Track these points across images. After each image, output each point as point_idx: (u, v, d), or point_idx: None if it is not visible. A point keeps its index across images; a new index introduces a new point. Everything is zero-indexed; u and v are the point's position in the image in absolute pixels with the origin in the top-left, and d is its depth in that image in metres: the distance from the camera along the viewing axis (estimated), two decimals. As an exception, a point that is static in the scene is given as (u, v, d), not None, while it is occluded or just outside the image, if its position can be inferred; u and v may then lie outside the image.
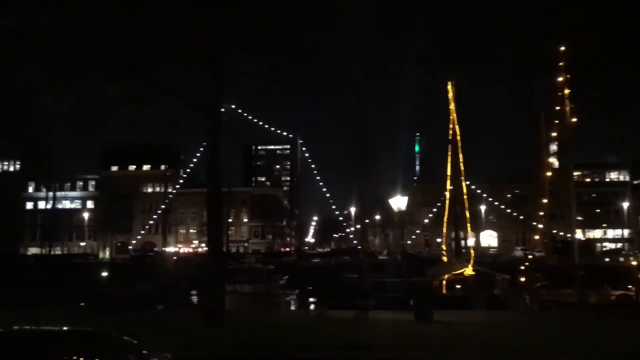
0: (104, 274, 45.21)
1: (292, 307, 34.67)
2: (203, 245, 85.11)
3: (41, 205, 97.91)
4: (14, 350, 3.83)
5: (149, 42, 16.90)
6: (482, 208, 79.05)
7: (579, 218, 54.95)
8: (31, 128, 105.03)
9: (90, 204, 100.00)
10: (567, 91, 41.45)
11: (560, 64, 41.26)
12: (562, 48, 41.15)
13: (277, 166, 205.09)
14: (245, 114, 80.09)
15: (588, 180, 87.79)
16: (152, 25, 16.56)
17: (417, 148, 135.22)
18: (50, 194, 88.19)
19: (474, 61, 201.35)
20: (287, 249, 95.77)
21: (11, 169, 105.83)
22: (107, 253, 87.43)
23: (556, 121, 43.56)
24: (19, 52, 15.89)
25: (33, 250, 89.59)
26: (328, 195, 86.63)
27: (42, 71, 15.71)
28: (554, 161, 64.55)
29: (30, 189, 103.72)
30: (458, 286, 31.56)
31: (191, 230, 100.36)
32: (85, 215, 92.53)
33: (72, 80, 16.39)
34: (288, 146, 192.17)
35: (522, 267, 45.26)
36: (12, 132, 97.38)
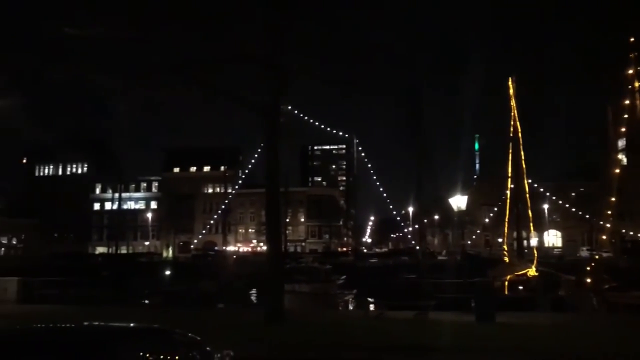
0: (167, 272, 46.49)
1: (350, 307, 34.63)
2: (262, 244, 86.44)
3: (107, 206, 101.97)
4: (85, 345, 3.97)
5: (208, 45, 17.25)
6: (545, 207, 76.60)
7: (650, 217, 52.43)
8: (98, 131, 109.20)
9: (153, 205, 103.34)
10: (637, 84, 39.69)
11: (631, 55, 39.56)
12: (632, 39, 39.44)
13: (333, 166, 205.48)
14: (301, 115, 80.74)
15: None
16: (211, 28, 16.89)
17: (476, 146, 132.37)
18: (116, 195, 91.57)
19: (537, 55, 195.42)
20: (344, 249, 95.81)
21: (79, 171, 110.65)
22: (170, 252, 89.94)
23: (625, 116, 41.63)
24: (86, 59, 16.53)
25: (100, 250, 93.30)
26: (385, 194, 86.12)
27: (108, 76, 16.28)
28: (622, 157, 61.76)
29: (97, 191, 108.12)
30: (520, 287, 30.71)
31: (250, 230, 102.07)
32: (149, 215, 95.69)
33: (136, 85, 16.90)
34: (344, 146, 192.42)
35: (589, 268, 43.53)
36: (80, 135, 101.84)
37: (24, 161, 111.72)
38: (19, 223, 73.42)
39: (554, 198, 77.60)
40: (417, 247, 70.24)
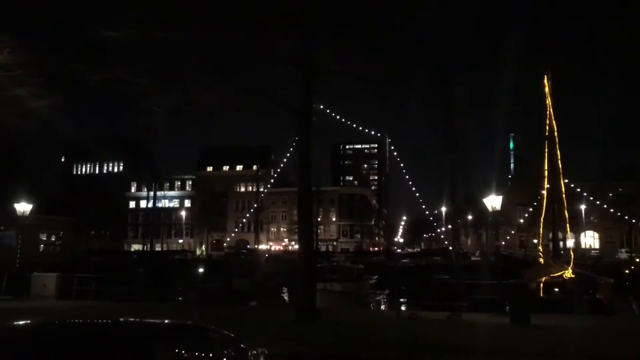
0: (201, 270, 46.95)
1: (382, 307, 34.48)
2: (293, 243, 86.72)
3: (143, 204, 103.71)
4: (123, 341, 4.02)
5: (241, 45, 17.37)
6: (583, 207, 74.83)
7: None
8: (133, 131, 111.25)
9: (187, 203, 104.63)
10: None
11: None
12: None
13: (365, 165, 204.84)
14: (333, 114, 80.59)
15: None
16: (245, 28, 17.00)
17: (511, 145, 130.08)
18: (151, 193, 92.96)
19: (574, 52, 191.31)
20: (376, 249, 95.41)
21: (115, 170, 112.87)
22: (203, 250, 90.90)
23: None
24: (123, 60, 16.82)
25: (135, 247, 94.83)
26: (417, 194, 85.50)
27: (143, 77, 16.51)
28: (663, 157, 60.00)
29: (133, 189, 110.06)
30: (556, 289, 30.12)
31: (282, 229, 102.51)
32: (183, 213, 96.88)
33: (171, 85, 17.10)
34: (376, 145, 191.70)
35: (627, 271, 42.47)
36: (116, 135, 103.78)
37: (62, 160, 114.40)
38: (57, 220, 75.30)
39: (591, 198, 75.76)
40: (450, 248, 69.43)
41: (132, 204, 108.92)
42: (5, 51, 14.16)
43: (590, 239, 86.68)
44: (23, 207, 26.49)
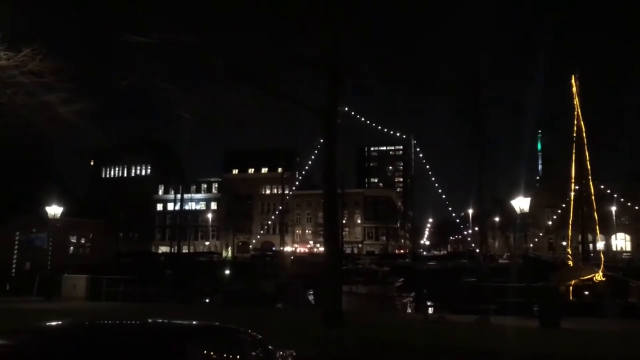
0: (227, 272, 47.30)
1: (409, 310, 34.25)
2: (318, 245, 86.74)
3: (170, 206, 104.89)
4: (153, 342, 4.06)
5: (267, 47, 17.44)
6: (613, 209, 73.27)
7: None
8: (161, 135, 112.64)
9: (213, 205, 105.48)
10: None
11: None
12: None
13: (390, 167, 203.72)
14: (358, 116, 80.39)
15: None
16: (270, 31, 17.07)
17: (539, 146, 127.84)
18: (179, 196, 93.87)
19: (603, 49, 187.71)
20: (402, 251, 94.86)
21: (143, 173, 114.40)
22: (229, 252, 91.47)
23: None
24: (150, 65, 17.00)
25: (163, 249, 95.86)
26: (444, 196, 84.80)
27: (171, 81, 16.68)
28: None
29: (160, 192, 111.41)
30: (586, 292, 29.60)
31: (307, 231, 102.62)
32: (209, 215, 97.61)
33: (197, 90, 17.23)
34: (401, 147, 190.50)
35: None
36: (144, 138, 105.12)
37: (92, 164, 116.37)
38: (87, 223, 76.51)
39: (622, 200, 74.20)
40: (477, 250, 68.63)
41: (159, 207, 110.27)
42: (38, 58, 14.41)
43: (621, 242, 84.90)
44: (54, 210, 27.05)
